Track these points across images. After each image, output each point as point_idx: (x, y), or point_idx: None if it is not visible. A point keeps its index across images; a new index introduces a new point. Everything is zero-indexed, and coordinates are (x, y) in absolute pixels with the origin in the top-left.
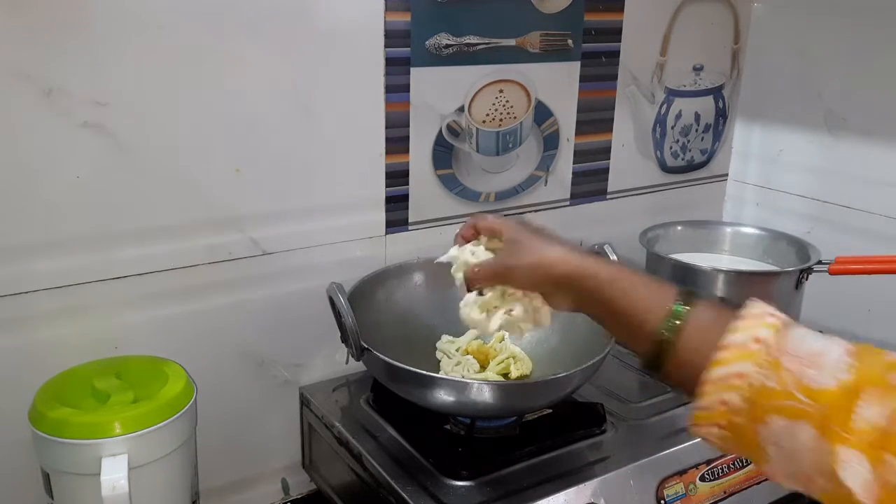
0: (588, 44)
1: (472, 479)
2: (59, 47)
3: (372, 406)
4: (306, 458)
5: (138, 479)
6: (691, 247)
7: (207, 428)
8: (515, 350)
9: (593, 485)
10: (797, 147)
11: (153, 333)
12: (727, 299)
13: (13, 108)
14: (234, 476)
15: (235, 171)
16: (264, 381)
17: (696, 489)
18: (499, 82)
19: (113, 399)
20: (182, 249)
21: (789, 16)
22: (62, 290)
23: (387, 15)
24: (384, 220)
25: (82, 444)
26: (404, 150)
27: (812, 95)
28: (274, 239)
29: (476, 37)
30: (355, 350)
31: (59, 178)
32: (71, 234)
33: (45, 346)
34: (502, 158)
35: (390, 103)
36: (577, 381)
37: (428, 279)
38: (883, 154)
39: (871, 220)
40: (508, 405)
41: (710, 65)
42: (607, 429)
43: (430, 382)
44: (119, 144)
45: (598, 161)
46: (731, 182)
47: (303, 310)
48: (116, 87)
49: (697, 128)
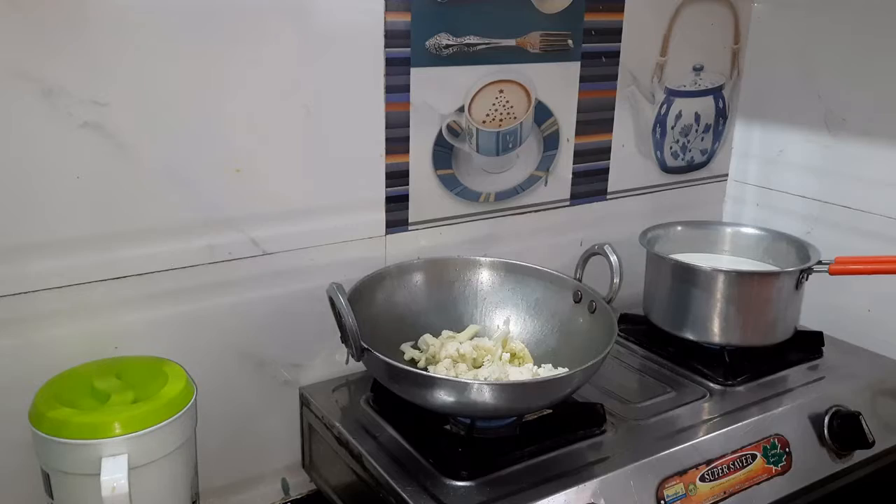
0: (588, 44)
1: (472, 479)
2: (59, 47)
3: (372, 406)
4: (306, 458)
5: (138, 479)
6: (691, 247)
7: (207, 428)
8: (517, 347)
9: (593, 485)
10: (797, 147)
11: (153, 333)
12: None
13: (13, 108)
14: (234, 476)
15: (235, 171)
16: (264, 381)
17: (696, 489)
18: (499, 82)
19: (113, 399)
20: (182, 249)
21: (789, 16)
22: (62, 290)
23: (387, 15)
24: (384, 220)
25: (82, 445)
26: (404, 151)
27: (812, 95)
28: (274, 239)
29: (476, 37)
30: (355, 350)
31: (59, 178)
32: (71, 234)
33: (45, 346)
34: (502, 159)
35: (390, 103)
36: (577, 381)
37: (428, 279)
38: (883, 154)
39: (871, 220)
40: (508, 405)
41: (710, 65)
42: (607, 429)
43: (430, 382)
44: (119, 144)
45: (598, 161)
46: (731, 182)
47: (303, 310)
48: (116, 87)
49: (697, 128)
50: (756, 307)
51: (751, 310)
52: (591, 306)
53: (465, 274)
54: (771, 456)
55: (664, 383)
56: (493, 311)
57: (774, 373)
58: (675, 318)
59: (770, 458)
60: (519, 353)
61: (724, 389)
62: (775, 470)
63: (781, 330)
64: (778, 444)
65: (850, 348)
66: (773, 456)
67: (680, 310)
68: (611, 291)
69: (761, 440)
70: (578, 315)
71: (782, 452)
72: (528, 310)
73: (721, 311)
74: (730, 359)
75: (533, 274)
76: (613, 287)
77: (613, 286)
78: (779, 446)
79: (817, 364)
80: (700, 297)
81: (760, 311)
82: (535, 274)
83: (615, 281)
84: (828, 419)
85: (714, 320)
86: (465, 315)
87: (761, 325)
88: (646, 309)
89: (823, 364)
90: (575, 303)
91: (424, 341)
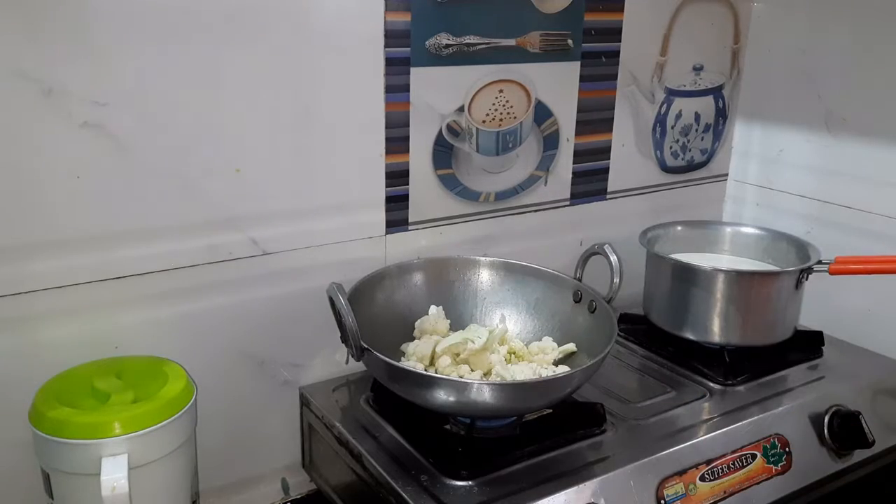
0: (588, 44)
1: (472, 479)
2: (59, 47)
3: (372, 406)
4: (306, 458)
5: (138, 479)
6: (691, 247)
7: (207, 428)
8: (516, 346)
9: (593, 485)
10: (797, 147)
11: (153, 333)
12: None
13: (13, 108)
14: (234, 476)
15: (235, 171)
16: (264, 381)
17: (696, 489)
18: (499, 82)
19: (113, 399)
20: (182, 249)
21: (789, 16)
22: (62, 290)
23: (387, 15)
24: (384, 220)
25: (82, 444)
26: (404, 150)
27: (812, 95)
28: (274, 239)
29: (476, 37)
30: (355, 350)
31: (59, 178)
32: (71, 234)
33: (45, 346)
34: (502, 158)
35: (390, 103)
36: (577, 381)
37: (428, 279)
38: (883, 154)
39: (871, 220)
40: (508, 405)
41: (710, 65)
42: (607, 429)
43: (430, 382)
44: (119, 144)
45: (598, 161)
46: (731, 182)
47: (303, 310)
48: (116, 87)
49: (697, 128)
50: (756, 307)
51: (751, 309)
52: (591, 306)
53: (465, 274)
54: (771, 456)
55: (664, 383)
56: (492, 311)
57: (774, 372)
58: (675, 317)
59: (770, 458)
60: (519, 351)
61: (724, 389)
62: (775, 470)
63: (781, 330)
64: (778, 443)
65: (850, 348)
66: (773, 456)
67: (680, 309)
68: (611, 291)
69: (761, 440)
70: (578, 315)
71: (782, 452)
72: (528, 310)
73: (721, 311)
74: (730, 358)
75: (533, 274)
76: (613, 287)
77: (613, 286)
78: (779, 446)
79: (817, 364)
80: (700, 296)
81: (760, 311)
82: (535, 274)
83: (615, 281)
84: (828, 419)
85: (714, 320)
86: (465, 315)
87: (761, 324)
88: (646, 309)
89: (823, 364)
90: (575, 302)
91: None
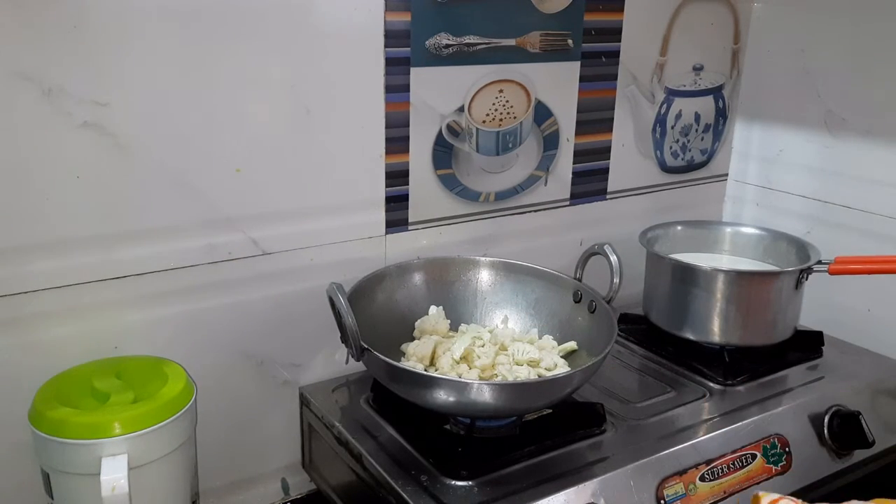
0: (588, 44)
1: (472, 479)
2: (59, 47)
3: (372, 406)
4: (306, 458)
5: (138, 479)
6: (691, 247)
7: (207, 428)
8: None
9: (593, 485)
10: (797, 147)
11: (153, 333)
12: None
13: (13, 108)
14: (234, 476)
15: (235, 171)
16: (264, 381)
17: (696, 489)
18: (499, 82)
19: (113, 399)
20: (182, 249)
21: (789, 16)
22: (62, 290)
23: (387, 15)
24: (384, 220)
25: (82, 444)
26: (404, 150)
27: (812, 95)
28: (274, 239)
29: (476, 37)
30: (355, 350)
31: (59, 178)
32: (71, 234)
33: (45, 346)
34: (502, 158)
35: (390, 103)
36: (577, 381)
37: (428, 279)
38: (883, 154)
39: (871, 220)
40: (508, 405)
41: (710, 65)
42: (607, 429)
43: (430, 382)
44: (119, 144)
45: (598, 161)
46: (731, 182)
47: (303, 310)
48: (116, 87)
49: (697, 128)
50: (756, 307)
51: (750, 309)
52: (591, 306)
53: (465, 274)
54: (771, 456)
55: (664, 383)
56: (492, 311)
57: (774, 372)
58: (675, 317)
59: (770, 458)
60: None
61: (723, 389)
62: (775, 470)
63: (781, 330)
64: (778, 443)
65: (850, 348)
66: (772, 456)
67: (680, 309)
68: (611, 291)
69: (761, 440)
70: (578, 315)
71: (782, 452)
72: (528, 309)
73: (721, 311)
74: (729, 358)
75: (533, 274)
76: (613, 287)
77: (613, 286)
78: (779, 446)
79: (817, 364)
80: (700, 296)
81: (760, 311)
82: (535, 274)
83: (615, 281)
84: (828, 419)
85: (714, 320)
86: (465, 315)
87: (761, 324)
88: (645, 309)
89: (823, 364)
90: (575, 302)
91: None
